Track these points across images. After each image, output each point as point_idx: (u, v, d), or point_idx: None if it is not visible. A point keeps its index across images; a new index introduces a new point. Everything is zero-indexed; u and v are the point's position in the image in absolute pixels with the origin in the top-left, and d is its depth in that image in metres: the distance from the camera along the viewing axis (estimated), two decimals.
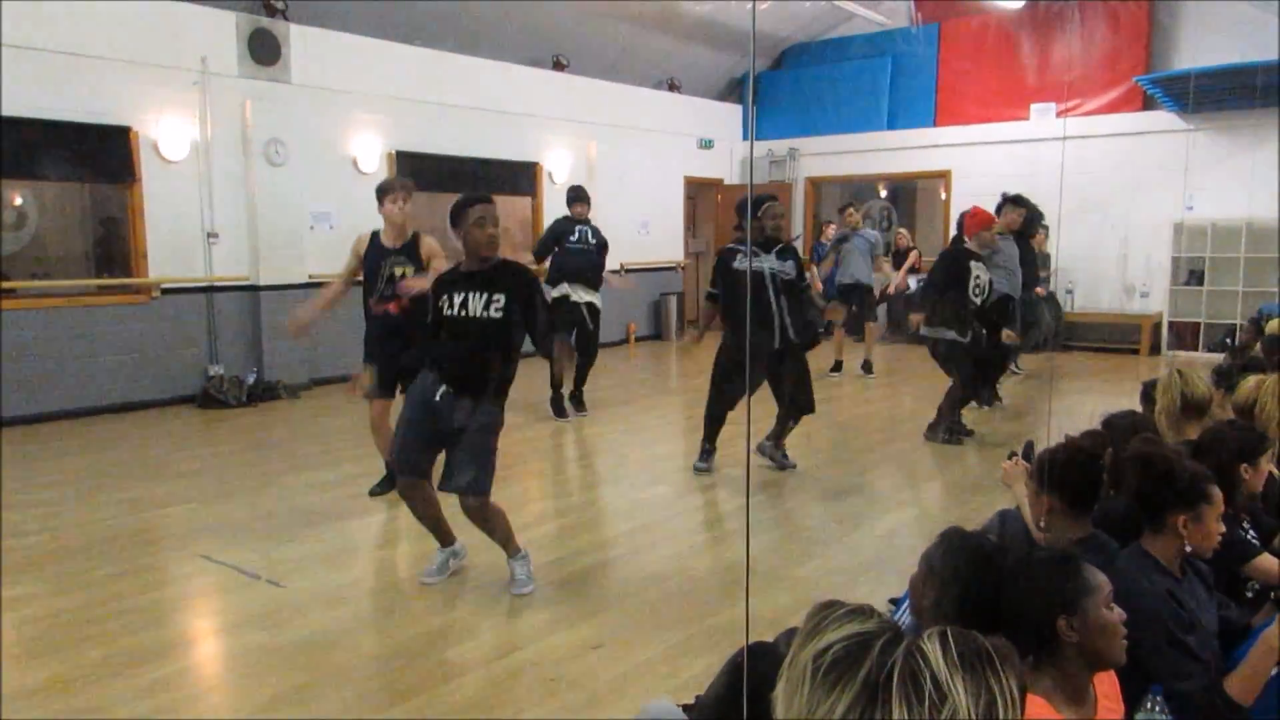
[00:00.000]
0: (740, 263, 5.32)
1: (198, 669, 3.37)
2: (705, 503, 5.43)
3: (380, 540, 4.81)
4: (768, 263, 5.34)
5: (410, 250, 5.15)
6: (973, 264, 6.35)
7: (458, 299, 3.73)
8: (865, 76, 12.86)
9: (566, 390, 7.41)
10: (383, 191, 5.23)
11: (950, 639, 1.25)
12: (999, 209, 7.33)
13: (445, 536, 4.08)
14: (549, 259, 7.39)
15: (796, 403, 5.60)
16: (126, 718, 2.89)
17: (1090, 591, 1.75)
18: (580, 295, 7.33)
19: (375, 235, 5.27)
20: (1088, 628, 1.73)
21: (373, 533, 4.87)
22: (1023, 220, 7.51)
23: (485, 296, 3.71)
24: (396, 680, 3.15)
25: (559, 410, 7.41)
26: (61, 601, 3.82)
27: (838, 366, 9.39)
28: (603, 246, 7.47)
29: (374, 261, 5.22)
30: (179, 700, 3.03)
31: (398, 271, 5.14)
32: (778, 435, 5.77)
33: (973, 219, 6.55)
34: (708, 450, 5.80)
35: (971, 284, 6.29)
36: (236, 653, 3.45)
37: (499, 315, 3.70)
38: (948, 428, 6.49)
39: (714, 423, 5.75)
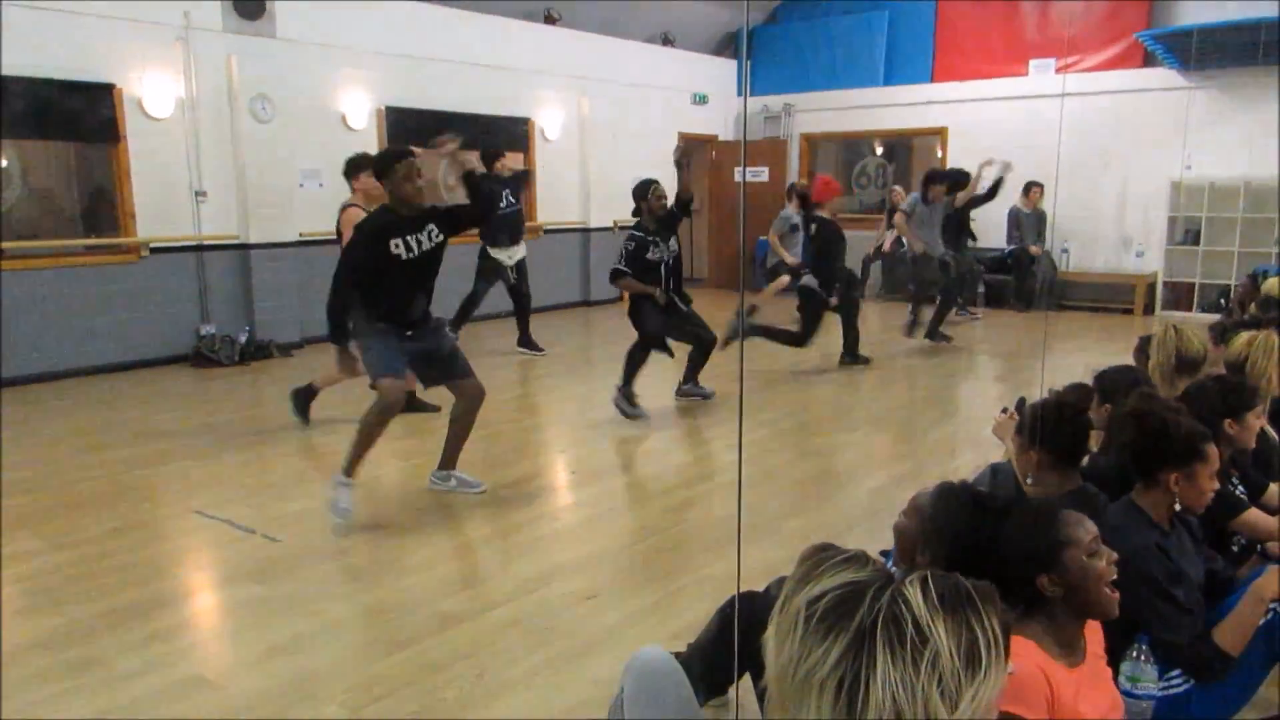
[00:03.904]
0: (653, 254, 6.05)
1: (194, 621, 3.40)
2: (697, 458, 5.45)
3: (373, 495, 4.82)
4: (665, 252, 6.07)
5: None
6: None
7: (411, 241, 4.09)
8: (861, 31, 12.69)
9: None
10: (358, 167, 5.58)
11: (930, 582, 1.25)
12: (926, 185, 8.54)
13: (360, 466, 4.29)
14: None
15: (702, 341, 6.29)
16: (126, 668, 2.92)
17: (1069, 544, 1.74)
18: (508, 256, 8.03)
19: (361, 209, 5.61)
20: (1070, 580, 1.73)
21: (365, 488, 4.88)
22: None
23: (427, 231, 4.14)
24: (391, 631, 3.18)
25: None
26: (59, 557, 3.84)
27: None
28: (520, 190, 8.23)
29: None
30: (176, 651, 3.06)
31: None
32: (692, 375, 6.46)
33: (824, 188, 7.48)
34: (630, 393, 6.08)
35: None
36: (232, 606, 3.48)
37: (440, 240, 4.18)
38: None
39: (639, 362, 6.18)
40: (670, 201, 6.13)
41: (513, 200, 7.94)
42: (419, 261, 4.13)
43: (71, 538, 4.04)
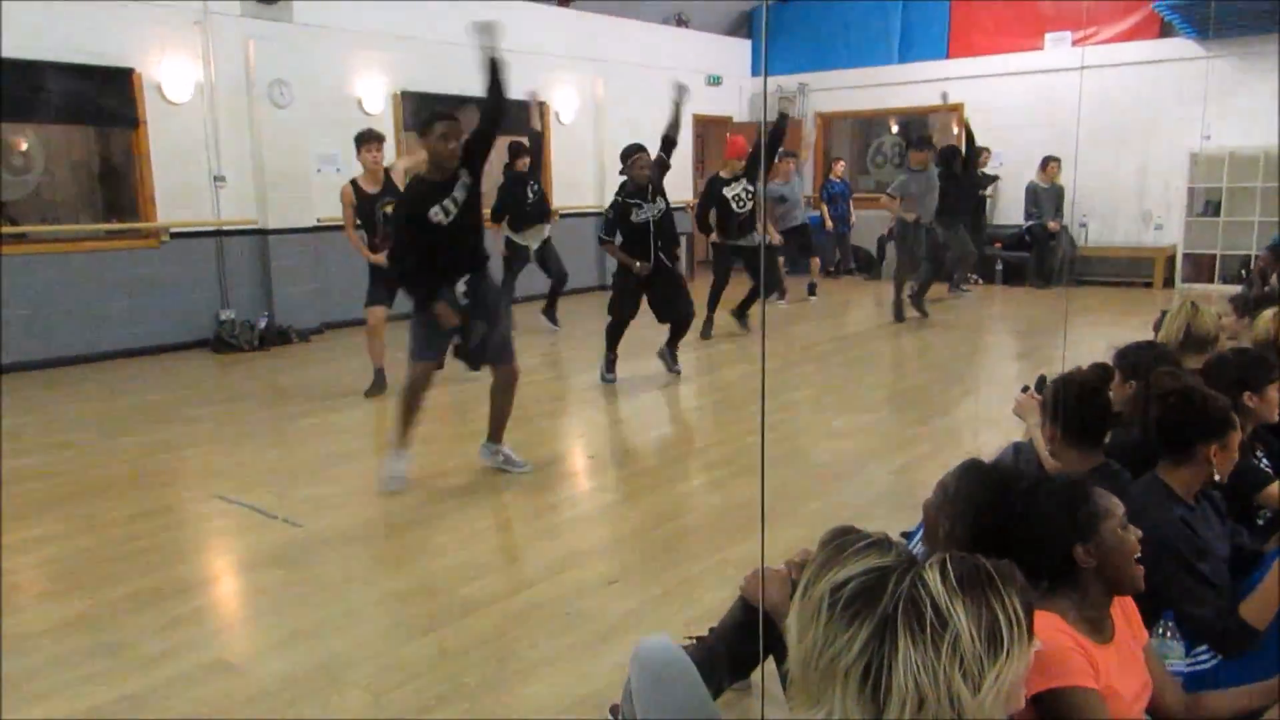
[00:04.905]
0: (636, 215, 6.28)
1: (218, 605, 3.44)
2: (716, 441, 5.44)
3: None
4: (650, 211, 6.28)
5: (390, 189, 5.88)
6: (725, 189, 7.86)
7: (448, 206, 4.22)
8: (876, 8, 12.55)
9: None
10: (361, 141, 5.93)
11: (949, 564, 1.24)
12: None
13: (409, 436, 4.47)
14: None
15: (681, 312, 6.53)
16: (151, 651, 2.95)
17: (1104, 516, 1.74)
18: (535, 239, 8.28)
19: (355, 184, 6.00)
20: (1104, 552, 1.72)
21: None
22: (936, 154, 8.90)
23: (460, 186, 4.26)
24: (414, 616, 3.19)
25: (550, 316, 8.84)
26: (83, 541, 3.88)
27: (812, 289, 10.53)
28: (541, 194, 8.35)
29: (365, 209, 5.97)
30: (201, 635, 3.09)
31: (387, 210, 5.82)
32: (673, 342, 6.69)
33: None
34: (612, 360, 6.49)
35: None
36: (255, 590, 3.51)
37: (470, 186, 4.28)
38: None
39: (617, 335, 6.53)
40: (650, 170, 6.33)
41: (539, 192, 8.21)
42: (459, 220, 4.26)
43: (94, 522, 4.08)
